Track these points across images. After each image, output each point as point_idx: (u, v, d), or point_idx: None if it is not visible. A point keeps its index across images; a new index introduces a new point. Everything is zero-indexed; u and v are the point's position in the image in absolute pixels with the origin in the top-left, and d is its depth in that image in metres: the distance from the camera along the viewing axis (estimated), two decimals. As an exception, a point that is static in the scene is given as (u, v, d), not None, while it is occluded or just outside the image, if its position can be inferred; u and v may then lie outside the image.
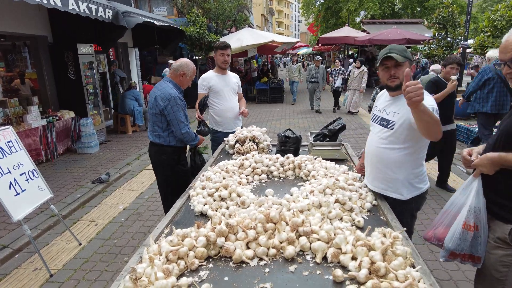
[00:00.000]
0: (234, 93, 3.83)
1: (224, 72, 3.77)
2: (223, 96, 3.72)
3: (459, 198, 1.83)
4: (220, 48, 3.61)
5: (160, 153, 3.01)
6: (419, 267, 1.38)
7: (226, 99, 3.74)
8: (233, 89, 3.81)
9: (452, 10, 10.11)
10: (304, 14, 30.75)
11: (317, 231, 1.60)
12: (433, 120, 1.67)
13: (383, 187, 2.09)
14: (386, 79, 1.98)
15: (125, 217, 4.04)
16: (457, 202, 1.83)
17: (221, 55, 3.62)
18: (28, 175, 3.11)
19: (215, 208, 1.99)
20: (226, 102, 3.74)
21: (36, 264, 3.13)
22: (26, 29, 6.26)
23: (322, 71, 10.55)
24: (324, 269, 1.45)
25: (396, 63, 1.90)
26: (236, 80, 3.88)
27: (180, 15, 14.35)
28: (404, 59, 1.88)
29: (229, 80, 3.79)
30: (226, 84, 3.74)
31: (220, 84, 3.69)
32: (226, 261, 1.52)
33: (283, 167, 2.60)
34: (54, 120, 6.14)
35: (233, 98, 3.82)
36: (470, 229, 1.73)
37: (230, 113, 3.78)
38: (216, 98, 3.73)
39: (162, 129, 2.94)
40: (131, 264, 1.50)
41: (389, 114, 2.01)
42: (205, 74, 3.76)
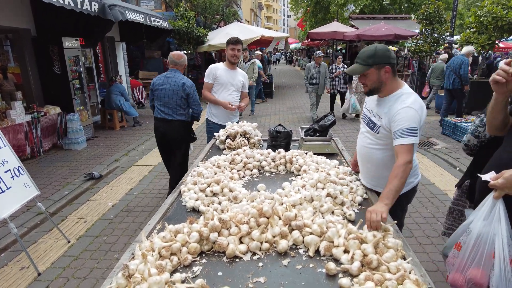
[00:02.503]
0: (236, 90, 3.86)
1: (233, 68, 3.83)
2: (225, 89, 3.78)
3: (484, 228, 1.50)
4: (231, 42, 3.68)
5: (184, 127, 3.93)
6: (410, 259, 1.41)
7: (226, 93, 3.78)
8: (236, 86, 3.84)
9: (438, 6, 10.24)
10: (293, 9, 30.71)
11: (310, 225, 1.61)
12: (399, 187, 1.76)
13: (374, 183, 2.14)
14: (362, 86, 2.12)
15: (115, 213, 3.99)
16: (484, 233, 1.49)
17: (231, 50, 3.68)
18: (14, 172, 3.03)
19: (207, 204, 1.98)
20: (225, 95, 3.77)
21: (23, 263, 3.06)
22: (8, 21, 6.06)
23: (324, 70, 8.48)
24: (317, 262, 1.46)
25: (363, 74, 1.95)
26: (242, 79, 3.92)
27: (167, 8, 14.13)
28: (365, 67, 1.90)
29: (236, 76, 3.84)
30: (232, 79, 3.79)
31: (226, 78, 3.75)
32: (220, 256, 1.52)
33: (275, 162, 2.60)
34: (39, 116, 5.99)
35: (234, 95, 3.84)
36: None
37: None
38: (217, 89, 3.77)
39: (183, 108, 3.83)
40: (123, 261, 1.49)
41: (376, 117, 2.02)
42: (214, 64, 3.84)
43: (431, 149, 6.19)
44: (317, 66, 8.50)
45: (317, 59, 8.49)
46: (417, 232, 3.45)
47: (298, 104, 11.63)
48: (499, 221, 1.46)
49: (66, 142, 6.51)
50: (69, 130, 6.46)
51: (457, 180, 4.77)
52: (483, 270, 1.47)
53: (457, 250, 1.60)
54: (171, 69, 3.78)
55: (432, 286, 1.27)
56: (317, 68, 8.50)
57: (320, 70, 8.47)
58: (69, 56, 6.71)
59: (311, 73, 8.53)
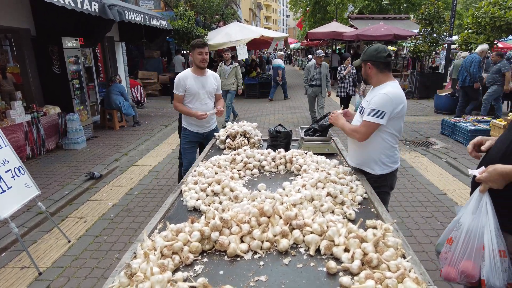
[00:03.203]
0: (210, 96, 3.65)
1: (203, 73, 3.56)
2: (198, 99, 3.54)
3: (473, 221, 1.56)
4: (198, 46, 3.41)
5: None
6: (410, 257, 1.43)
7: (201, 103, 3.56)
8: (209, 92, 3.61)
9: (437, 7, 10.27)
10: (292, 8, 30.72)
11: (310, 224, 1.62)
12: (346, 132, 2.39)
13: (358, 162, 2.45)
14: None
15: (115, 213, 4.00)
16: (473, 226, 1.55)
17: (199, 54, 3.41)
18: (14, 172, 3.03)
19: (208, 203, 1.99)
20: (198, 106, 3.54)
21: (24, 262, 3.07)
22: (7, 21, 6.06)
23: (325, 70, 7.76)
24: (317, 261, 1.47)
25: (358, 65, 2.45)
26: (215, 81, 3.68)
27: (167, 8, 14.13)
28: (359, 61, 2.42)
29: (207, 81, 3.58)
30: (203, 86, 3.54)
31: (196, 86, 3.50)
32: (221, 255, 1.54)
33: (275, 162, 2.62)
34: (39, 115, 5.99)
35: (210, 102, 3.65)
36: (504, 255, 1.50)
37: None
38: (190, 100, 3.54)
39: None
40: (125, 260, 1.50)
41: (364, 103, 2.38)
42: (181, 74, 3.52)
43: (430, 149, 6.21)
44: (318, 66, 7.76)
45: (318, 59, 7.74)
46: (416, 232, 3.46)
47: (297, 104, 11.65)
48: (487, 214, 1.52)
49: (66, 142, 6.51)
50: (69, 130, 6.46)
51: (457, 180, 4.81)
52: (474, 262, 1.53)
53: (449, 245, 1.64)
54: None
55: (431, 284, 1.28)
56: (318, 68, 7.76)
57: (321, 71, 7.73)
58: (69, 56, 6.72)
59: (311, 74, 7.83)
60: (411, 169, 5.23)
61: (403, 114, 2.27)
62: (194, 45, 3.43)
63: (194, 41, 3.48)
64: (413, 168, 5.30)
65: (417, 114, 9.22)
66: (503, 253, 1.49)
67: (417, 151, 6.16)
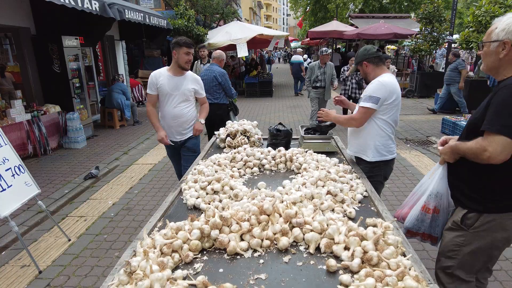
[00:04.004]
0: (185, 100, 3.29)
1: (181, 73, 3.25)
2: (169, 101, 3.25)
3: (426, 182, 2.00)
4: (187, 45, 3.11)
5: (219, 108, 4.93)
6: (410, 255, 1.42)
7: (169, 105, 3.26)
8: (184, 95, 3.26)
9: (437, 5, 10.25)
10: (292, 7, 30.68)
11: (310, 222, 1.62)
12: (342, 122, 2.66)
13: (356, 150, 2.62)
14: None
15: (115, 212, 4.00)
16: (423, 185, 2.01)
17: (186, 54, 3.12)
18: (14, 171, 3.03)
19: (208, 201, 1.99)
20: (169, 109, 3.26)
21: (24, 261, 3.07)
22: (7, 20, 6.05)
23: (330, 70, 6.91)
24: (317, 259, 1.47)
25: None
26: (192, 85, 3.31)
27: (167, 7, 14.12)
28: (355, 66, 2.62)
29: (183, 83, 3.25)
30: (176, 87, 3.23)
31: (168, 87, 3.20)
32: (221, 253, 1.53)
33: (275, 160, 2.61)
34: (39, 114, 5.99)
35: (182, 106, 3.29)
36: (429, 211, 1.92)
37: (172, 121, 3.31)
38: (162, 101, 3.29)
39: (219, 93, 4.88)
40: (124, 258, 1.50)
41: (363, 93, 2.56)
42: (155, 71, 3.26)
43: (430, 148, 6.21)
44: (323, 66, 6.88)
45: (323, 58, 6.87)
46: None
47: (297, 102, 11.64)
48: (433, 180, 1.91)
49: (66, 141, 6.52)
50: (69, 129, 6.47)
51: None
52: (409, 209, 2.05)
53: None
54: (211, 63, 5.04)
55: (431, 282, 1.28)
56: (322, 68, 6.87)
57: (326, 71, 6.86)
58: (69, 55, 6.71)
59: (315, 75, 6.93)
60: (412, 168, 5.23)
61: (398, 103, 2.45)
62: (182, 44, 3.10)
63: (181, 39, 3.15)
64: (413, 167, 5.29)
65: (418, 113, 9.21)
66: (428, 209, 1.91)
67: (417, 150, 6.15)
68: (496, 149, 1.51)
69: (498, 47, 1.56)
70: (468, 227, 1.72)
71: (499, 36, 1.55)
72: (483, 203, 1.67)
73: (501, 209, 1.66)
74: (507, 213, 1.65)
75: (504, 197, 1.64)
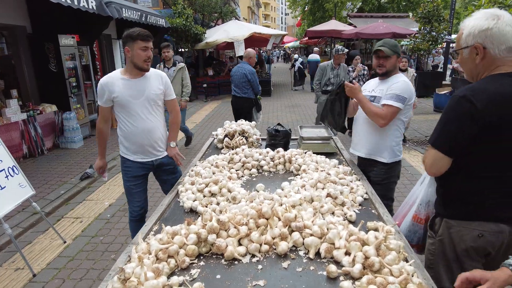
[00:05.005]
0: (153, 107, 2.54)
1: (140, 74, 2.48)
2: (131, 113, 2.47)
3: (417, 190, 1.95)
4: (142, 38, 2.36)
5: (248, 102, 5.53)
6: (412, 261, 1.38)
7: (137, 118, 2.48)
8: (151, 100, 2.50)
9: (437, 5, 10.23)
10: (290, 6, 30.62)
11: (310, 226, 1.58)
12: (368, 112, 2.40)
13: (370, 152, 2.52)
14: (376, 66, 2.48)
15: (111, 213, 3.95)
16: (415, 194, 1.96)
17: (142, 50, 2.37)
18: (8, 172, 2.98)
19: (205, 204, 1.94)
20: (138, 122, 2.49)
21: (18, 263, 3.02)
22: (3, 18, 5.98)
23: (344, 73, 6.13)
24: (317, 264, 1.43)
25: (385, 55, 2.38)
26: (159, 85, 2.56)
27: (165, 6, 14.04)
28: (392, 53, 2.37)
29: (146, 86, 2.48)
30: (139, 93, 2.45)
31: (128, 94, 2.42)
32: (218, 259, 1.49)
33: (274, 162, 2.57)
34: (35, 114, 5.93)
35: (152, 115, 2.54)
36: (421, 222, 1.85)
37: (143, 137, 2.54)
38: (123, 114, 2.49)
39: (247, 88, 5.41)
40: (119, 263, 1.45)
41: (377, 91, 2.49)
42: (106, 77, 2.47)
43: (430, 148, 6.18)
44: (336, 67, 6.02)
45: (338, 58, 5.96)
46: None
47: (296, 102, 11.60)
48: (422, 188, 1.87)
49: (63, 140, 6.46)
50: (66, 128, 6.41)
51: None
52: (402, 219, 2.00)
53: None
54: (242, 62, 5.59)
55: (435, 289, 1.24)
56: (335, 70, 6.01)
57: (339, 73, 6.02)
58: (65, 54, 6.65)
59: (326, 77, 6.03)
60: (411, 168, 5.20)
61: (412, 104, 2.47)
62: (136, 36, 2.34)
63: (134, 31, 2.38)
64: (412, 167, 5.26)
65: (417, 112, 9.19)
66: (419, 219, 1.85)
67: (416, 150, 6.13)
68: (429, 161, 1.49)
69: (471, 53, 1.45)
70: (435, 233, 1.64)
71: (468, 41, 1.45)
72: (443, 206, 1.60)
73: (458, 216, 1.53)
74: (465, 221, 1.51)
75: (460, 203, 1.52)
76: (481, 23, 1.40)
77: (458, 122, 1.39)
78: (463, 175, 1.48)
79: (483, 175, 1.44)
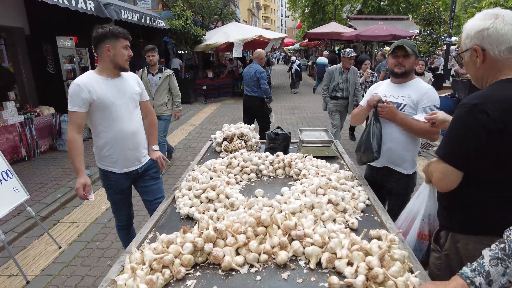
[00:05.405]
0: (134, 109, 2.40)
1: (118, 75, 2.35)
2: (116, 115, 2.27)
3: (415, 204, 1.85)
4: (124, 36, 2.28)
5: (259, 100, 5.77)
6: (418, 272, 1.32)
7: (120, 120, 2.29)
8: (132, 100, 2.38)
9: (438, 7, 10.20)
10: (290, 9, 30.66)
11: (311, 234, 1.52)
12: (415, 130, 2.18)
13: (392, 161, 2.35)
14: (394, 66, 2.28)
15: (108, 217, 3.88)
16: (413, 208, 1.85)
17: (124, 48, 2.28)
18: (2, 176, 2.92)
19: (202, 211, 1.88)
20: (122, 125, 2.30)
21: (11, 270, 2.95)
22: (1, 20, 5.94)
23: (354, 78, 5.63)
24: (318, 275, 1.37)
25: (405, 54, 2.22)
26: (136, 85, 2.45)
27: (165, 8, 14.03)
28: (412, 52, 2.22)
29: (126, 86, 2.36)
30: (121, 93, 2.30)
31: (111, 94, 2.25)
32: (215, 269, 1.43)
33: (273, 166, 2.51)
34: (33, 116, 5.87)
35: (133, 116, 2.39)
36: (425, 238, 1.76)
37: (128, 142, 2.35)
38: (103, 118, 2.26)
39: (257, 88, 5.66)
40: (111, 274, 1.39)
41: (398, 98, 2.29)
42: (81, 78, 2.22)
43: (431, 151, 6.13)
44: (345, 71, 5.55)
45: (346, 61, 5.47)
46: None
47: (296, 104, 11.55)
48: (422, 203, 1.78)
49: (60, 143, 6.39)
50: (64, 131, 6.34)
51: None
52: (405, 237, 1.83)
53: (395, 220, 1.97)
54: (253, 62, 5.82)
55: (443, 303, 1.18)
56: (344, 74, 5.55)
57: (348, 77, 5.56)
58: (64, 56, 6.61)
59: (335, 82, 5.58)
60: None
61: None
62: (118, 34, 2.23)
63: (115, 28, 2.26)
64: (413, 170, 5.21)
65: (417, 115, 9.14)
66: (424, 236, 1.76)
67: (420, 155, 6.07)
68: (438, 176, 1.39)
69: (472, 56, 1.39)
70: (441, 248, 1.56)
71: (467, 44, 1.39)
72: (448, 219, 1.51)
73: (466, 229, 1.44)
74: (473, 235, 1.41)
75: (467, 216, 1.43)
76: (478, 23, 1.34)
77: (471, 134, 1.27)
78: (472, 188, 1.38)
79: (494, 188, 1.35)
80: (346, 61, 5.48)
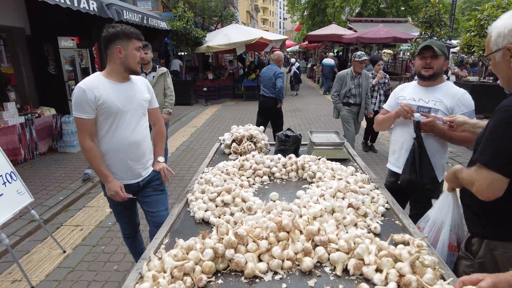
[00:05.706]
0: (142, 117, 2.25)
1: (128, 79, 2.20)
2: (119, 124, 2.11)
3: (438, 214, 1.76)
4: (137, 37, 2.12)
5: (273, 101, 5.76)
6: (451, 279, 1.27)
7: (126, 129, 2.14)
8: (141, 107, 2.22)
9: (438, 10, 10.21)
10: (289, 11, 30.70)
11: (335, 240, 1.46)
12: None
13: None
14: (421, 67, 2.18)
15: (113, 220, 3.80)
16: (437, 219, 1.76)
17: (136, 50, 2.13)
18: (6, 178, 2.85)
19: (218, 215, 1.83)
20: (126, 134, 2.14)
21: (15, 275, 2.87)
22: (1, 19, 5.86)
23: (366, 82, 5.28)
24: (346, 283, 1.31)
25: (433, 54, 2.11)
26: (146, 92, 2.29)
27: (165, 9, 13.98)
28: (441, 52, 2.11)
29: (136, 92, 2.20)
30: (129, 99, 2.14)
31: (119, 100, 2.09)
32: (237, 276, 1.37)
33: (286, 168, 2.46)
34: (33, 117, 5.79)
35: (140, 126, 2.23)
36: (455, 250, 1.68)
37: (130, 152, 2.18)
38: (107, 125, 2.10)
39: (274, 88, 5.65)
40: (129, 282, 1.33)
41: (429, 102, 2.19)
42: (87, 81, 2.07)
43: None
44: (357, 76, 5.18)
45: (357, 65, 5.11)
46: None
47: (297, 106, 11.52)
48: (448, 212, 1.70)
49: (61, 144, 6.31)
50: (65, 132, 6.27)
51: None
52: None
53: None
54: (271, 63, 5.92)
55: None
56: (356, 79, 5.18)
57: (361, 82, 5.20)
58: (65, 56, 6.54)
59: (347, 87, 5.19)
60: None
61: None
62: (131, 35, 2.08)
63: (127, 28, 2.10)
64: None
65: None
66: (453, 247, 1.67)
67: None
68: (482, 184, 1.31)
69: (505, 56, 1.33)
70: (473, 256, 1.50)
71: (499, 44, 1.33)
72: (482, 226, 1.46)
73: (504, 237, 1.39)
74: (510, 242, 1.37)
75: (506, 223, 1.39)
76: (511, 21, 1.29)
77: None
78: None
79: None
80: (357, 65, 5.12)
